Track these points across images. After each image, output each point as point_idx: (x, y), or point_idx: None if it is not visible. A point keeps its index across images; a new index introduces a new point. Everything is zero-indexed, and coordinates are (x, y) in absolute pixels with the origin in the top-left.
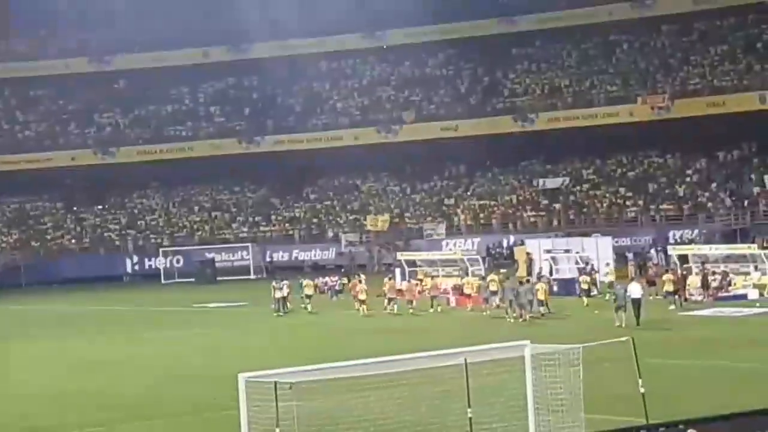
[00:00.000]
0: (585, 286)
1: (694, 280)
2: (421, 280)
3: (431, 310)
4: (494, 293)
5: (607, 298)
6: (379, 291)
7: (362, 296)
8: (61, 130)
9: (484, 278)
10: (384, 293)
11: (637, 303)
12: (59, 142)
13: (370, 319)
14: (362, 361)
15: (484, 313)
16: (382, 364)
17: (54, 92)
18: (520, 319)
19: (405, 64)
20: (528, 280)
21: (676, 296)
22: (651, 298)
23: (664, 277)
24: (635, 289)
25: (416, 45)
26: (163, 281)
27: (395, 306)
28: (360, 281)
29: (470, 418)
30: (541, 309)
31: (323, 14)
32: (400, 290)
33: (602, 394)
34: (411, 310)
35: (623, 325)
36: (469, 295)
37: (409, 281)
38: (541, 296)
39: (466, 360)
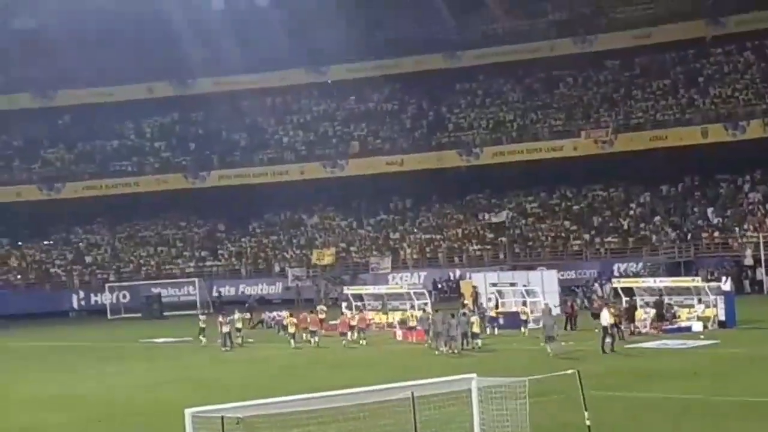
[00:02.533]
0: (524, 317)
1: (640, 313)
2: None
3: (362, 342)
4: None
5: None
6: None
7: (313, 327)
8: (5, 166)
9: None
10: (307, 326)
11: (606, 330)
12: (4, 178)
13: (317, 352)
14: (310, 396)
15: (426, 345)
16: (330, 398)
17: None
18: (451, 352)
19: (349, 99)
20: (464, 313)
21: (617, 329)
22: (596, 331)
23: (604, 311)
24: (605, 317)
25: (360, 80)
26: (109, 316)
27: (316, 339)
28: (312, 312)
29: None
30: (477, 341)
31: (267, 50)
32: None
33: (549, 426)
34: (344, 343)
35: (551, 355)
36: (413, 328)
37: (342, 314)
38: (475, 329)
39: (413, 393)
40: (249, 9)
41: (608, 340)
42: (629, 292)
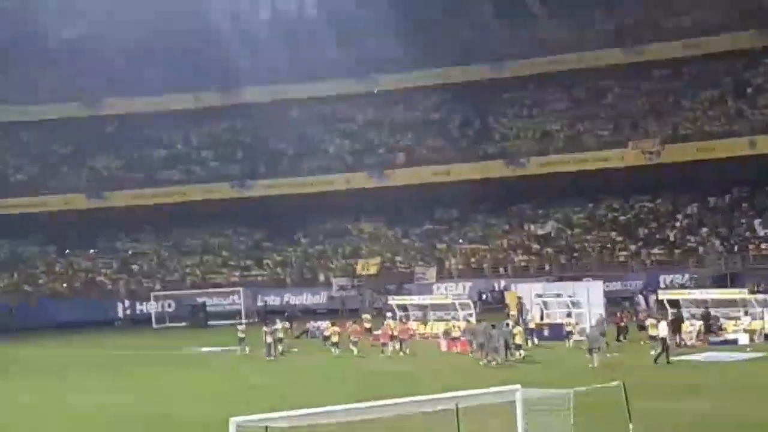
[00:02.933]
0: (569, 329)
1: (686, 325)
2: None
3: (402, 353)
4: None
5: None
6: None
7: (355, 338)
8: (53, 174)
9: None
10: (350, 336)
11: (663, 341)
12: (51, 186)
13: (359, 362)
14: (354, 406)
15: (470, 356)
16: (372, 408)
17: (46, 136)
18: (492, 363)
19: (397, 108)
20: (507, 324)
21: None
22: (642, 343)
23: (648, 322)
24: (662, 328)
25: (408, 89)
26: (154, 325)
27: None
28: (356, 322)
29: None
30: (520, 353)
31: (315, 59)
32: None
33: None
34: (386, 353)
35: (595, 366)
36: (457, 339)
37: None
38: (518, 340)
39: (457, 405)
40: (297, 18)
41: (658, 351)
42: (675, 304)
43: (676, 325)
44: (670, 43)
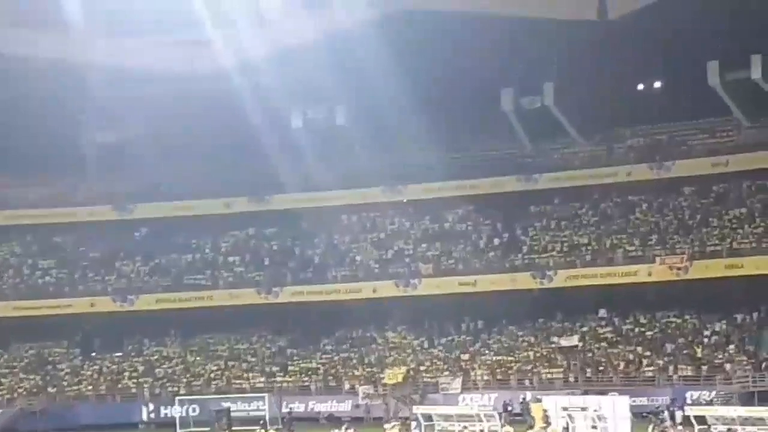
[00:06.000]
0: None
1: None
2: None
3: None
4: None
5: None
6: None
7: None
8: (81, 277)
9: None
10: None
11: None
12: (79, 289)
13: None
14: None
15: None
16: None
17: (76, 239)
18: None
19: (425, 218)
20: None
21: None
22: None
23: None
24: None
25: (436, 200)
26: (178, 430)
27: None
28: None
29: None
30: None
31: (344, 167)
32: None
33: None
34: None
35: None
36: None
37: None
38: None
39: None
40: (327, 127)
41: None
42: (702, 420)
43: None
44: (698, 160)
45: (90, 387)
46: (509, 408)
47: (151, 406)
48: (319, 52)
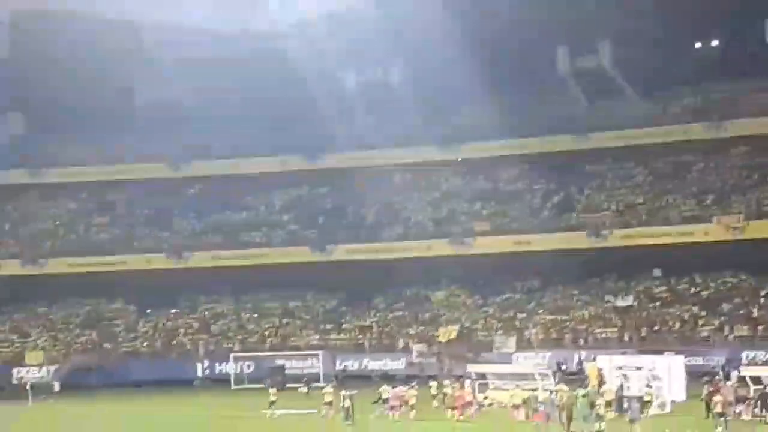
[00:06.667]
0: (647, 399)
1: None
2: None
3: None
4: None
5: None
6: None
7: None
8: (135, 234)
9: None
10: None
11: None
12: (134, 246)
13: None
14: None
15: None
16: None
17: (130, 196)
18: None
19: (479, 177)
20: (585, 395)
21: (722, 418)
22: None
23: (715, 398)
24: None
25: (490, 159)
26: (233, 386)
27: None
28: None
29: None
30: (601, 425)
31: (398, 126)
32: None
33: None
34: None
35: None
36: (536, 410)
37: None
38: (601, 411)
39: None
40: (381, 86)
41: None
42: (758, 380)
43: (765, 400)
44: (755, 120)
45: (145, 344)
46: (563, 367)
47: (206, 363)
48: (373, 12)
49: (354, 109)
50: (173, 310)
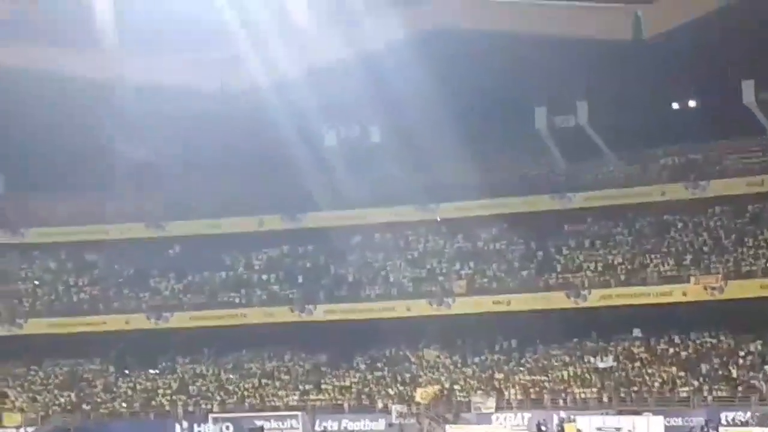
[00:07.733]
0: None
1: None
2: None
3: None
4: None
5: None
6: None
7: None
8: (115, 294)
9: None
10: None
11: None
12: (114, 306)
13: None
14: None
15: None
16: None
17: (109, 256)
18: None
19: (457, 236)
20: None
21: None
22: None
23: None
24: None
25: (469, 218)
26: None
27: None
28: None
29: None
30: None
31: (378, 186)
32: None
33: None
34: None
35: None
36: None
37: None
38: None
39: None
40: (360, 145)
41: None
42: None
43: None
44: (733, 180)
45: (124, 404)
46: (543, 428)
47: (185, 424)
48: (352, 70)
49: (333, 168)
50: (152, 371)
